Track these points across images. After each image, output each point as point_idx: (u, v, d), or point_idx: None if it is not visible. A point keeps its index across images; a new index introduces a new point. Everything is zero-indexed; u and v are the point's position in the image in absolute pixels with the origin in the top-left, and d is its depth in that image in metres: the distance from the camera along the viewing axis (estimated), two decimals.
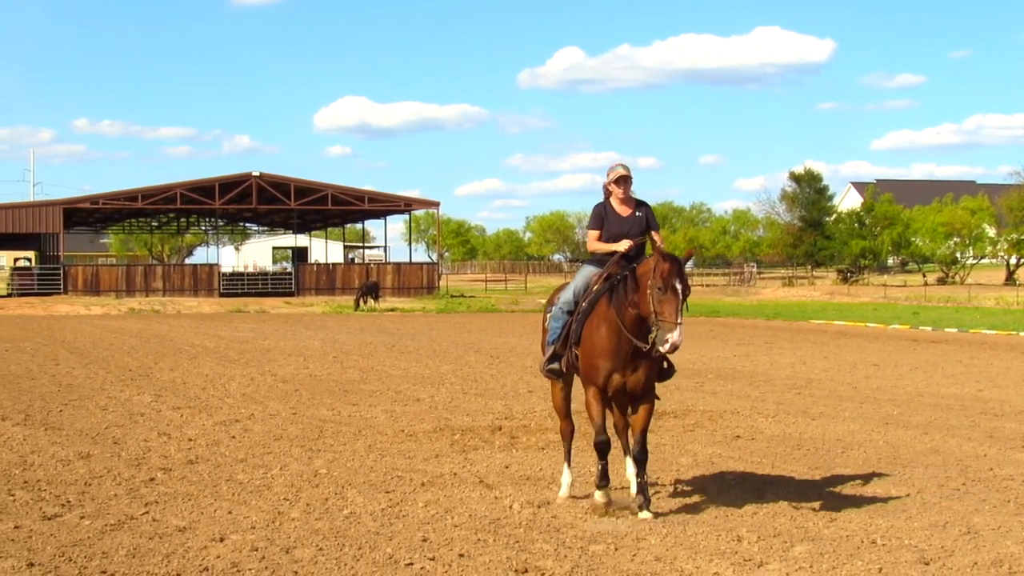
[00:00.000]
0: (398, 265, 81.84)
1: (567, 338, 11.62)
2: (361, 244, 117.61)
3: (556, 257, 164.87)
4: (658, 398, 11.59)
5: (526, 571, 8.90)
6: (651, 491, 11.45)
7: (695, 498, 11.82)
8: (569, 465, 12.14)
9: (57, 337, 39.53)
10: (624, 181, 11.66)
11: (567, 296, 11.83)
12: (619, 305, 10.90)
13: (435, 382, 23.37)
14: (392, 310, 64.76)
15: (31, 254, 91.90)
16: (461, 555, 9.37)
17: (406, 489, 12.31)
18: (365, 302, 64.22)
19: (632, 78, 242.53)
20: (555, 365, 11.85)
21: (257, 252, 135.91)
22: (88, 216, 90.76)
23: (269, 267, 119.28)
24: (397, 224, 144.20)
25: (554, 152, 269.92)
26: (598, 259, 11.72)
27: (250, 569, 9.04)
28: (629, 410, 11.66)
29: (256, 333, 41.37)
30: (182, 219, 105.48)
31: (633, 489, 11.66)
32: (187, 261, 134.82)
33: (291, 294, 76.29)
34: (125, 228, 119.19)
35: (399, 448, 15.10)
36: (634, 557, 9.33)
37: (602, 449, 11.16)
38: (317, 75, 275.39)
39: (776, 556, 9.39)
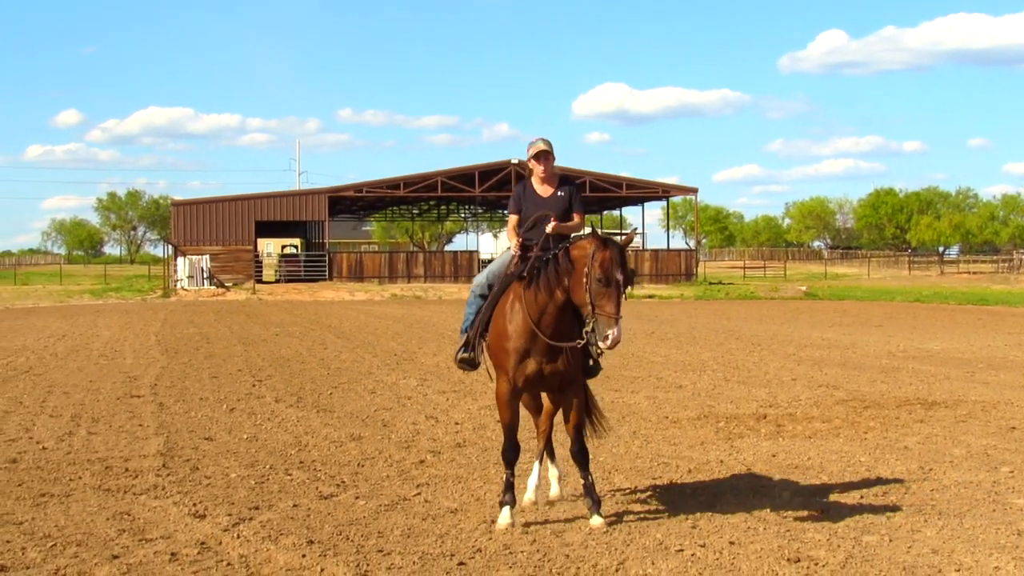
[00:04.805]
0: (656, 252, 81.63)
1: (481, 324, 10.74)
2: (619, 231, 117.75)
3: (816, 244, 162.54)
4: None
5: (798, 560, 8.77)
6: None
7: (970, 490, 11.46)
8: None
9: (324, 322, 40.72)
10: (544, 157, 10.74)
11: (480, 279, 11.05)
12: (547, 286, 9.86)
13: (696, 369, 23.24)
14: (650, 297, 64.70)
15: (297, 241, 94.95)
16: (731, 543, 9.30)
17: (672, 476, 12.30)
18: None
19: (897, 60, 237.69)
20: (467, 354, 10.90)
21: None
22: (352, 204, 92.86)
23: None
24: (654, 211, 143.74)
25: (815, 137, 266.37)
26: None
27: (522, 551, 9.15)
28: (545, 406, 11.08)
29: None
30: (442, 206, 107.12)
31: (552, 489, 11.20)
32: (447, 248, 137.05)
33: None
34: (387, 215, 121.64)
35: (663, 435, 15.07)
36: (909, 549, 9.11)
37: (510, 457, 10.40)
38: (577, 62, 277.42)
39: None
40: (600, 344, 9.55)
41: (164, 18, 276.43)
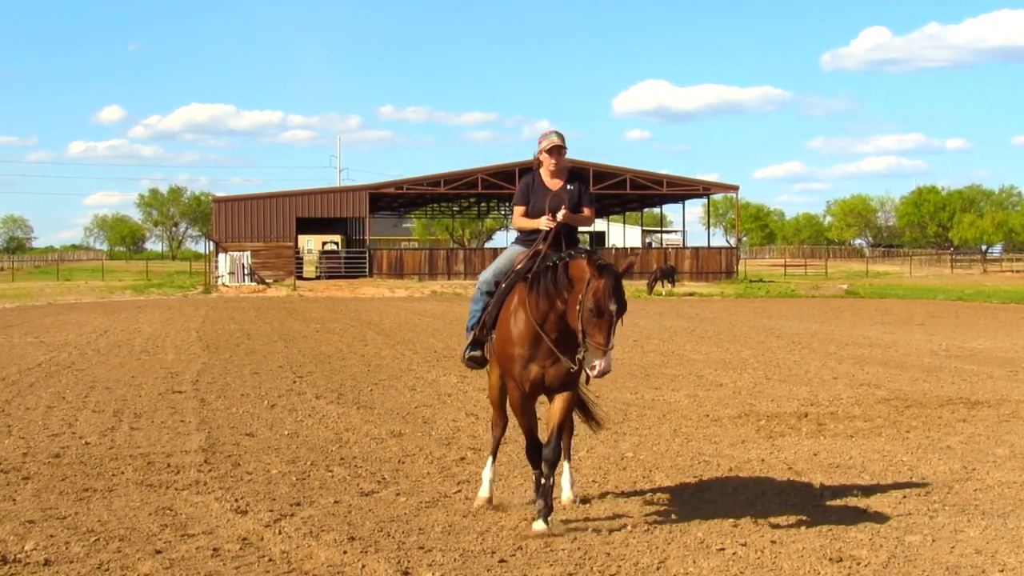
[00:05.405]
0: (696, 249, 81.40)
1: (488, 322, 10.58)
2: (659, 228, 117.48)
3: (857, 242, 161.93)
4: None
5: (840, 559, 8.73)
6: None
7: (1014, 490, 11.37)
8: (494, 461, 11.10)
9: (364, 319, 40.81)
10: (557, 151, 10.71)
11: (487, 276, 10.90)
12: (547, 295, 9.71)
13: (737, 367, 23.17)
14: (690, 295, 64.54)
15: (338, 238, 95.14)
16: (773, 542, 9.26)
17: (714, 474, 12.26)
18: (663, 286, 64.10)
19: (941, 57, 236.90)
20: (476, 352, 10.90)
21: None
22: (392, 201, 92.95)
23: None
24: (695, 208, 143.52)
25: (857, 134, 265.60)
26: (525, 238, 10.78)
27: (563, 549, 9.14)
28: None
29: None
30: (482, 203, 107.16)
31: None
32: (487, 245, 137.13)
33: None
34: (427, 212, 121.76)
35: (704, 433, 15.03)
36: (952, 549, 9.05)
37: (535, 457, 10.12)
38: (617, 59, 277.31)
39: None
40: (588, 372, 9.38)
41: (206, 15, 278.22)
